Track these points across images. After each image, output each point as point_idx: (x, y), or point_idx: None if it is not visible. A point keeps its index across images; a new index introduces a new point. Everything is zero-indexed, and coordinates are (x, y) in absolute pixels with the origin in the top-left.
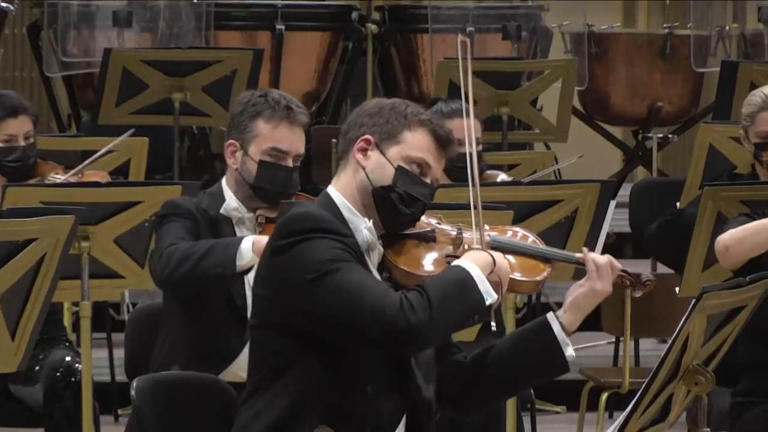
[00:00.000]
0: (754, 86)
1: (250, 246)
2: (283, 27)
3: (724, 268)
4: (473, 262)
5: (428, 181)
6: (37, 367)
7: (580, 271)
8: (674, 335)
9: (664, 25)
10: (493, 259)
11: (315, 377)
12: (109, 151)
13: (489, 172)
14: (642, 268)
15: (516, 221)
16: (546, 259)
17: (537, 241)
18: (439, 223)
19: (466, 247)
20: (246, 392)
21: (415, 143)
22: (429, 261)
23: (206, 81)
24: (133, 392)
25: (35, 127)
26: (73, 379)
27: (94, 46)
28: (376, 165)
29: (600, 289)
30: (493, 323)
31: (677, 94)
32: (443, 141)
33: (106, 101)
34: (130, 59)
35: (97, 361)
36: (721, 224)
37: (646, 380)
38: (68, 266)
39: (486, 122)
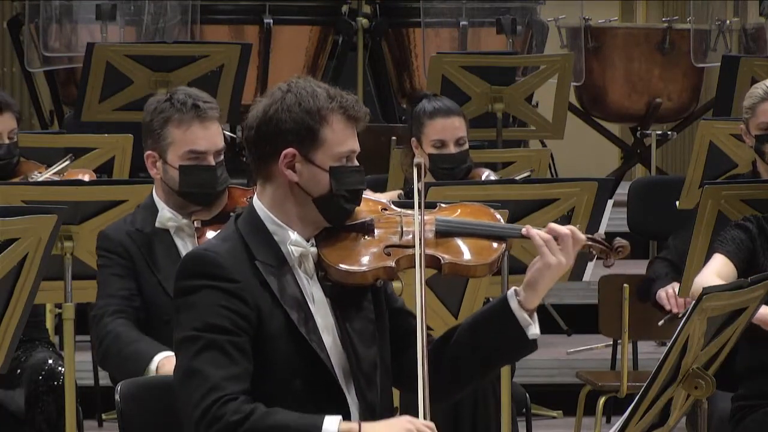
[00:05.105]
0: (755, 82)
1: (155, 370)
2: (271, 21)
3: None
4: (339, 427)
5: (357, 163)
6: (18, 370)
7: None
8: (673, 338)
9: (663, 19)
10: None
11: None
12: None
13: (476, 169)
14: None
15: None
16: (499, 237)
17: (495, 215)
18: (384, 210)
19: (409, 237)
20: None
21: (336, 138)
22: (366, 255)
23: (192, 76)
24: (117, 397)
25: (18, 125)
26: (55, 383)
27: (76, 41)
28: (309, 177)
29: (554, 264)
30: None
31: (676, 90)
32: (355, 116)
33: (89, 97)
34: (114, 54)
35: (80, 365)
36: (721, 226)
37: (645, 384)
38: (51, 267)
39: (480, 119)
